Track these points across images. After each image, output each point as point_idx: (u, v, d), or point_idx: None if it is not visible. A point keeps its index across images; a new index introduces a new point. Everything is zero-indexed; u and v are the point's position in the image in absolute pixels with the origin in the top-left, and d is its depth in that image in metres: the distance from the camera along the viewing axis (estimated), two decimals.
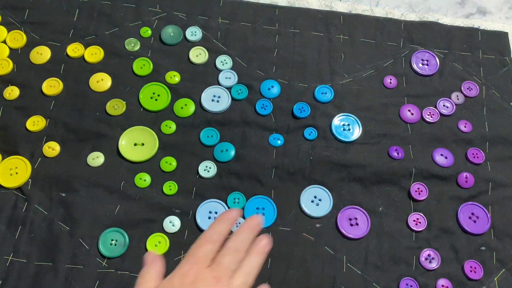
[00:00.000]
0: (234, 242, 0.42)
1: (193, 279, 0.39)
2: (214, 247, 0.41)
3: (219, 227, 0.43)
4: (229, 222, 0.44)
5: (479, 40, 0.68)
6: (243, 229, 0.44)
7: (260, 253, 0.43)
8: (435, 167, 0.60)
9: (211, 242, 0.42)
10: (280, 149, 0.60)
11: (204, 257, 0.41)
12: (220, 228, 0.43)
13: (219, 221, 0.44)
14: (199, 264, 0.40)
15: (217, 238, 0.42)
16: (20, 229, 0.55)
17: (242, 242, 0.43)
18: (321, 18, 0.68)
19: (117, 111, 0.61)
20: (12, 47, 0.64)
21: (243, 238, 0.43)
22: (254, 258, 0.42)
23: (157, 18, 0.67)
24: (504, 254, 0.56)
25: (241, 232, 0.43)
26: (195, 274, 0.39)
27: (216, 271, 0.40)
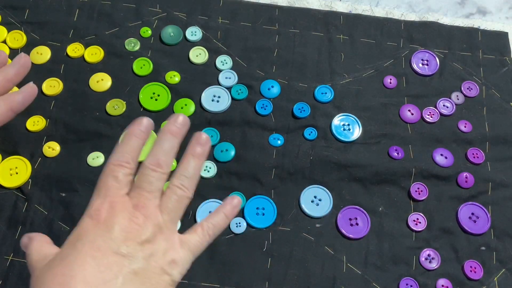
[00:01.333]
0: (152, 156, 0.35)
1: (107, 215, 0.32)
2: (127, 170, 0.34)
3: (128, 145, 0.35)
4: (139, 135, 0.36)
5: (479, 40, 0.68)
6: (162, 136, 0.36)
7: (198, 155, 0.36)
8: (435, 167, 0.60)
9: (120, 165, 0.34)
10: (280, 149, 0.60)
11: (116, 185, 0.33)
12: (130, 146, 0.35)
13: (126, 138, 0.35)
14: (112, 195, 0.33)
15: (128, 159, 0.34)
16: (20, 229, 0.55)
17: (164, 154, 0.35)
18: (321, 18, 0.68)
19: (117, 111, 0.61)
20: (12, 47, 0.64)
21: (164, 147, 0.36)
22: (190, 163, 0.36)
23: (157, 18, 0.67)
24: (504, 254, 0.56)
25: (160, 141, 0.36)
26: (109, 207, 0.32)
27: (136, 198, 0.33)
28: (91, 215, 0.33)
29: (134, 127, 0.36)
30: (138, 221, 0.33)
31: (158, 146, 0.36)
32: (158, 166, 0.35)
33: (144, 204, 0.33)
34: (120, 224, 0.32)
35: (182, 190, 0.36)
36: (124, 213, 0.32)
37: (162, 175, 0.35)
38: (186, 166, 0.37)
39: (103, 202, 0.33)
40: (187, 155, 0.37)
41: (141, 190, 0.34)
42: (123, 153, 0.35)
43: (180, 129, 0.38)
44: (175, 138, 0.37)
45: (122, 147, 0.35)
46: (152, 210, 0.34)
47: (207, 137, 0.38)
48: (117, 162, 0.34)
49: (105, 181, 0.34)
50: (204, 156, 0.37)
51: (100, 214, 0.32)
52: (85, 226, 0.32)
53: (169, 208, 0.35)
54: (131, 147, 0.35)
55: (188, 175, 0.36)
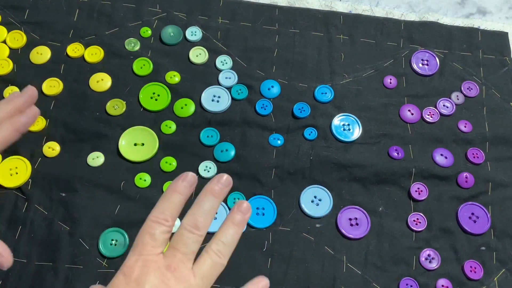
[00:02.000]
0: (191, 217, 0.34)
1: (139, 273, 0.32)
2: (164, 228, 0.34)
3: (169, 202, 0.35)
4: (181, 191, 0.35)
5: (479, 40, 0.68)
6: (202, 197, 0.35)
7: (237, 223, 0.35)
8: (435, 167, 0.60)
9: (159, 223, 0.34)
10: (280, 149, 0.60)
11: (152, 243, 0.33)
12: (170, 203, 0.35)
13: (167, 194, 0.35)
14: (147, 253, 0.33)
15: (167, 217, 0.34)
16: (20, 229, 0.55)
17: (203, 215, 0.34)
18: (321, 18, 0.68)
19: (117, 111, 0.61)
20: (12, 47, 0.64)
21: (204, 208, 0.35)
22: (229, 230, 0.35)
23: (157, 18, 0.67)
24: (504, 254, 0.56)
25: (200, 201, 0.35)
26: (142, 267, 0.32)
27: (169, 258, 0.33)
28: (124, 272, 0.33)
29: (178, 183, 0.35)
30: (169, 282, 0.32)
31: (198, 206, 0.35)
32: (195, 228, 0.34)
33: (177, 266, 0.33)
34: (151, 284, 0.32)
35: (218, 256, 0.35)
36: (156, 272, 0.32)
37: (198, 238, 0.35)
38: (225, 232, 0.36)
39: (137, 259, 0.33)
40: (227, 221, 0.36)
41: (175, 251, 0.34)
42: (163, 209, 0.34)
43: (222, 189, 0.37)
44: (216, 199, 0.36)
45: (162, 203, 0.35)
46: (184, 273, 0.33)
47: (248, 205, 0.37)
48: (155, 219, 0.34)
49: (142, 238, 0.34)
50: (244, 225, 0.37)
51: (132, 272, 0.32)
52: (117, 282, 0.32)
53: (203, 273, 0.34)
54: (171, 204, 0.35)
55: (226, 241, 0.35)
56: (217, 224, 0.56)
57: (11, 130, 0.44)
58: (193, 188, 0.36)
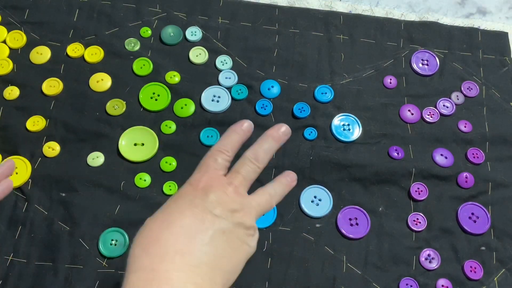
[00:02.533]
0: (253, 151, 0.40)
1: (205, 184, 0.37)
2: (226, 156, 0.39)
3: (229, 138, 0.40)
4: (240, 133, 0.41)
5: (479, 40, 0.68)
6: (265, 138, 0.41)
7: (275, 138, 0.41)
8: (435, 167, 0.60)
9: (221, 152, 0.39)
10: (280, 149, 0.60)
11: (215, 166, 0.38)
12: (231, 139, 0.40)
13: (228, 133, 0.41)
14: (212, 171, 0.38)
15: (228, 148, 0.39)
16: (20, 229, 0.55)
17: (263, 151, 0.40)
18: (321, 18, 0.68)
19: (117, 111, 0.61)
20: (12, 47, 0.64)
21: (264, 147, 0.40)
22: (266, 142, 0.40)
23: (157, 18, 0.67)
24: (504, 254, 0.56)
25: (261, 141, 0.41)
26: (207, 180, 0.37)
27: (231, 178, 0.38)
28: (191, 183, 0.37)
29: (237, 126, 0.41)
30: (231, 194, 0.37)
31: (259, 144, 0.40)
32: (256, 160, 0.40)
33: (238, 184, 0.38)
34: (215, 193, 0.37)
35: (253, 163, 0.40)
36: (219, 185, 0.37)
37: (257, 169, 0.40)
38: (261, 143, 0.41)
39: (202, 175, 0.37)
40: (266, 135, 0.41)
41: (237, 173, 0.39)
42: (224, 143, 0.40)
43: (281, 136, 0.41)
44: (275, 142, 0.41)
45: (225, 138, 0.40)
46: (242, 192, 0.39)
47: (287, 129, 0.42)
48: (218, 149, 0.39)
49: (207, 161, 0.39)
50: (280, 142, 0.41)
51: (199, 183, 0.37)
52: (186, 190, 0.37)
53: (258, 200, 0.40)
54: (232, 140, 0.40)
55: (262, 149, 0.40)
56: None
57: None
58: (249, 133, 0.41)
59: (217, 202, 0.36)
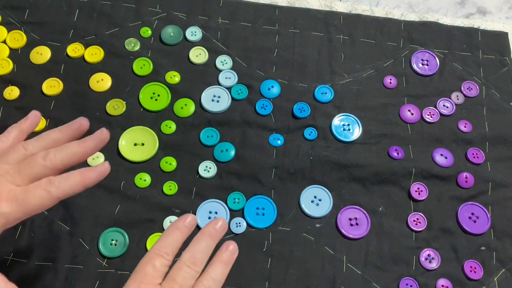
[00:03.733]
0: (189, 253, 0.38)
1: None
2: (165, 261, 0.37)
3: (171, 238, 0.38)
4: (182, 230, 0.39)
5: (479, 40, 0.68)
6: (200, 237, 0.39)
7: (225, 262, 0.39)
8: (435, 167, 0.60)
9: (161, 256, 0.37)
10: (280, 149, 0.60)
11: (152, 274, 0.36)
12: (172, 239, 0.38)
13: (170, 230, 0.39)
14: (147, 282, 0.36)
15: (168, 251, 0.37)
16: (20, 229, 0.55)
17: (200, 253, 0.38)
18: (321, 18, 0.68)
19: (117, 111, 0.61)
20: (12, 47, 0.64)
21: (201, 247, 0.38)
22: (218, 268, 0.38)
23: (157, 18, 0.67)
24: (504, 254, 0.56)
25: (198, 240, 0.39)
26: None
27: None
28: None
29: (179, 222, 0.39)
30: None
31: (196, 244, 0.39)
32: (194, 264, 0.37)
33: None
34: None
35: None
36: None
37: (195, 273, 0.38)
38: (214, 269, 0.39)
39: (138, 287, 0.35)
40: (216, 260, 0.39)
41: (174, 282, 0.36)
42: (165, 244, 0.38)
43: (218, 232, 0.40)
44: (212, 241, 0.39)
45: (166, 238, 0.38)
46: None
47: (235, 246, 0.40)
48: (158, 252, 0.37)
49: (143, 267, 0.36)
50: (231, 264, 0.40)
51: None
52: None
53: None
54: (173, 240, 0.38)
55: (215, 278, 0.38)
56: None
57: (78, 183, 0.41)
58: (192, 228, 0.40)
59: None
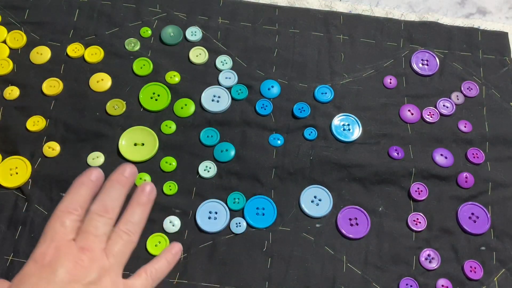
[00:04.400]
0: (99, 202, 0.35)
1: (52, 258, 0.32)
2: (74, 216, 0.34)
3: (76, 194, 0.35)
4: (89, 185, 0.36)
5: (479, 40, 0.68)
6: (109, 184, 0.36)
7: (143, 203, 0.37)
8: (435, 167, 0.60)
9: (70, 212, 0.34)
10: (280, 149, 0.60)
11: (63, 230, 0.33)
12: (78, 194, 0.35)
13: (75, 187, 0.36)
14: (58, 239, 0.33)
15: (76, 206, 0.35)
16: (20, 229, 0.55)
17: (110, 200, 0.36)
18: (321, 18, 0.68)
19: (117, 111, 0.61)
20: (12, 47, 0.64)
21: (112, 195, 0.36)
22: (136, 210, 0.36)
23: (157, 18, 0.67)
24: (504, 254, 0.56)
25: (108, 188, 0.36)
26: (54, 252, 0.32)
27: (82, 241, 0.33)
28: (35, 259, 0.33)
29: (84, 177, 0.36)
30: (83, 263, 0.33)
31: (105, 193, 0.36)
32: (105, 212, 0.35)
33: (90, 247, 0.34)
34: (65, 266, 0.32)
35: (128, 234, 0.36)
36: (69, 256, 0.33)
37: (108, 220, 0.36)
38: (131, 212, 0.37)
39: (48, 246, 0.33)
40: (133, 203, 0.38)
41: (87, 234, 0.34)
42: (71, 201, 0.35)
43: (127, 179, 0.38)
44: (122, 187, 0.37)
45: (70, 196, 0.36)
46: (97, 253, 0.34)
47: (152, 187, 0.39)
48: (65, 209, 0.35)
49: (52, 226, 0.34)
50: (150, 204, 0.38)
51: (44, 258, 0.32)
52: (29, 270, 0.32)
53: (115, 252, 0.35)
54: (79, 196, 0.36)
55: (133, 220, 0.37)
56: (216, 224, 0.56)
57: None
58: (100, 182, 0.37)
59: (68, 278, 0.32)
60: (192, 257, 0.54)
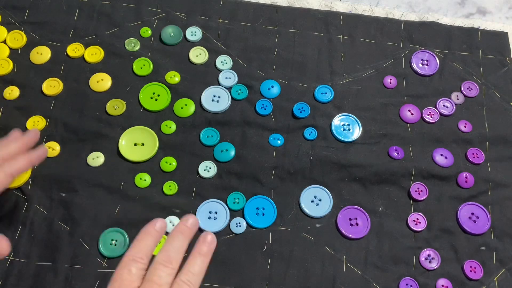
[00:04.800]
0: (164, 253, 0.38)
1: None
2: (140, 265, 0.37)
3: (143, 243, 0.39)
4: (154, 235, 0.39)
5: (479, 40, 0.68)
6: (173, 235, 0.39)
7: (204, 253, 0.39)
8: (435, 167, 0.60)
9: (135, 261, 0.37)
10: (280, 149, 0.60)
11: (129, 278, 0.36)
12: (144, 244, 0.39)
13: (142, 236, 0.39)
14: (125, 286, 0.36)
15: (142, 255, 0.38)
16: (20, 229, 0.55)
17: (173, 251, 0.38)
18: (321, 18, 0.68)
19: (117, 111, 0.61)
20: (12, 47, 0.64)
21: (174, 245, 0.39)
22: (196, 261, 0.39)
23: (157, 18, 0.67)
24: (504, 254, 0.56)
25: (172, 239, 0.39)
26: None
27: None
28: None
29: (150, 227, 0.40)
30: None
31: (169, 244, 0.39)
32: (169, 262, 0.38)
33: None
34: None
35: (188, 285, 0.38)
36: None
37: (172, 271, 0.38)
38: (193, 263, 0.39)
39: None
40: (194, 253, 0.40)
41: (151, 283, 0.36)
42: (138, 249, 0.38)
43: (190, 229, 0.40)
44: (185, 238, 0.40)
45: (138, 244, 0.39)
46: None
47: (212, 237, 0.41)
48: (132, 257, 0.38)
49: (120, 273, 0.37)
50: (210, 255, 0.40)
51: None
52: None
53: None
54: (146, 245, 0.39)
55: (194, 272, 0.38)
56: (216, 224, 0.56)
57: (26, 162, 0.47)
58: (163, 232, 0.40)
59: None
60: None
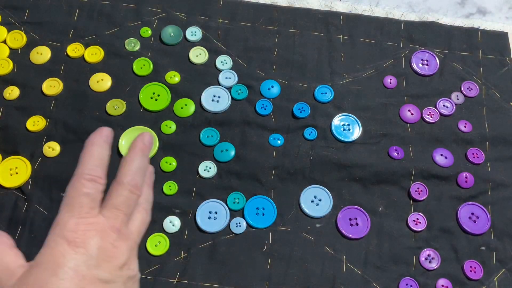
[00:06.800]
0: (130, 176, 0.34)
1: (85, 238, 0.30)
2: (99, 186, 0.33)
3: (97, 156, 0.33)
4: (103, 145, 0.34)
5: (479, 40, 0.68)
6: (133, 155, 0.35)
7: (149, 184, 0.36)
8: (435, 167, 0.60)
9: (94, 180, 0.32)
10: (280, 149, 0.60)
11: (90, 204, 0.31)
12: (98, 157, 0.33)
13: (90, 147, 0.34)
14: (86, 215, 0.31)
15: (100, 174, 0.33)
16: (20, 229, 0.55)
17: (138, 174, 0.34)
18: (321, 18, 0.68)
19: (117, 111, 0.61)
20: (12, 47, 0.64)
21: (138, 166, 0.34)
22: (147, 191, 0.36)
23: (157, 18, 0.67)
24: (504, 254, 0.56)
25: (133, 159, 0.35)
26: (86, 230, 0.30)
27: (112, 219, 0.32)
28: (66, 238, 0.30)
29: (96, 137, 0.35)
30: (116, 243, 0.31)
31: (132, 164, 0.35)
32: (136, 188, 0.34)
33: (120, 226, 0.32)
34: (101, 248, 0.30)
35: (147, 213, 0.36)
36: (103, 235, 0.31)
37: (137, 198, 0.34)
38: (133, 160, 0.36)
39: (78, 223, 0.31)
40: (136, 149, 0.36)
41: (118, 212, 0.33)
42: (93, 165, 0.33)
43: (147, 147, 0.37)
44: (145, 157, 0.36)
45: (90, 157, 0.33)
46: (126, 232, 0.33)
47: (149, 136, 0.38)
48: (89, 177, 0.33)
49: (77, 197, 0.32)
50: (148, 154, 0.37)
51: (77, 237, 0.30)
52: (63, 250, 0.30)
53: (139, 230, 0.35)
54: (99, 157, 0.34)
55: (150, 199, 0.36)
56: (216, 224, 0.56)
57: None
58: (111, 139, 0.36)
59: (105, 261, 0.30)
60: (192, 257, 0.54)
